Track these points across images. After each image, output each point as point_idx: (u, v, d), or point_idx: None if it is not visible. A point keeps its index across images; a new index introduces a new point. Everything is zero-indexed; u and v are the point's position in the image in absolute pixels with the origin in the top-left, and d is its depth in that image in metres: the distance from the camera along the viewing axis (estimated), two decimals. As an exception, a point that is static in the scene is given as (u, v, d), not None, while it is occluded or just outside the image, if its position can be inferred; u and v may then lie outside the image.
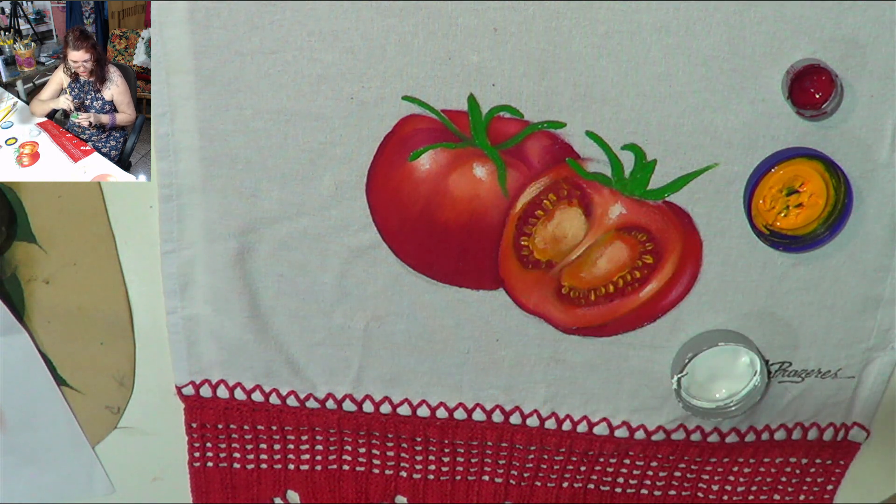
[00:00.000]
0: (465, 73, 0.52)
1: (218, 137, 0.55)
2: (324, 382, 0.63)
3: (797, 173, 0.53)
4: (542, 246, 0.57)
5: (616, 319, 0.59)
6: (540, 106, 0.53)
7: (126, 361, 0.63)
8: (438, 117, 0.54)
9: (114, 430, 0.66)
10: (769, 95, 0.52)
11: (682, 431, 0.63)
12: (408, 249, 0.58)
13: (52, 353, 0.63)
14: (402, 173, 0.55)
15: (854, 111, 0.53)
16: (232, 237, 0.57)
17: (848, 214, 0.54)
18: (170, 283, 0.59)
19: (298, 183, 0.56)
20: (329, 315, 0.60)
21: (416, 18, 0.51)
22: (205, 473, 0.67)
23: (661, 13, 0.51)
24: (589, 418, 0.63)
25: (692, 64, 0.52)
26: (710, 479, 0.67)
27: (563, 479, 0.67)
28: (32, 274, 0.60)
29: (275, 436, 0.65)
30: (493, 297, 0.59)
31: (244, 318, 0.60)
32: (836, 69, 0.51)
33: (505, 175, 0.55)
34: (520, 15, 0.51)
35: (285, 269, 0.59)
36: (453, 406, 0.63)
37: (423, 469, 0.67)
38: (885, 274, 0.58)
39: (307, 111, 0.54)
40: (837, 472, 0.66)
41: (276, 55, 0.52)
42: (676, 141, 0.54)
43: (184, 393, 0.63)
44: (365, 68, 0.52)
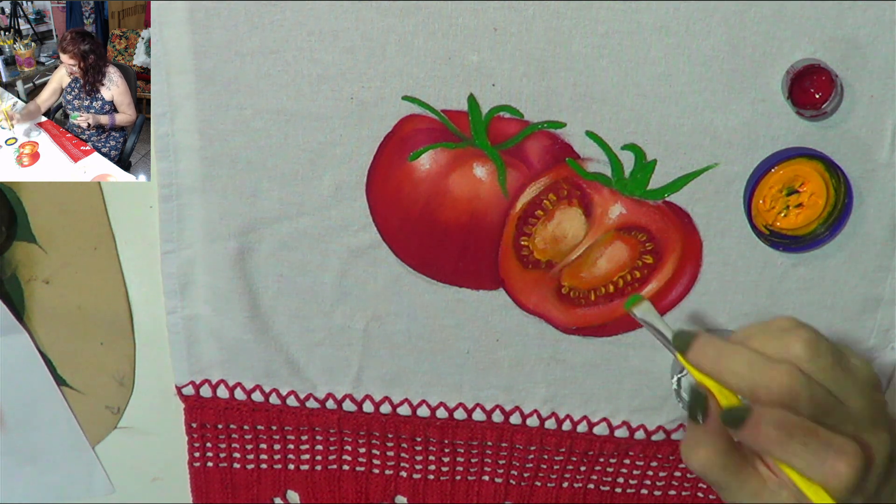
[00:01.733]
0: (465, 73, 0.52)
1: (218, 137, 0.55)
2: (324, 382, 0.63)
3: (797, 173, 0.53)
4: (542, 246, 0.57)
5: (616, 319, 0.59)
6: (540, 106, 0.53)
7: (126, 361, 0.63)
8: (438, 117, 0.54)
9: (114, 430, 0.66)
10: (769, 95, 0.52)
11: (682, 431, 0.63)
12: (408, 249, 0.58)
13: (52, 353, 0.63)
14: (402, 173, 0.55)
15: (854, 111, 0.53)
16: (232, 237, 0.57)
17: (848, 214, 0.54)
18: (170, 283, 0.59)
19: (298, 183, 0.56)
20: (329, 315, 0.60)
21: (416, 18, 0.51)
22: (205, 473, 0.67)
23: (661, 13, 0.51)
24: (589, 418, 0.63)
25: (692, 64, 0.52)
26: (710, 479, 0.67)
27: (563, 479, 0.67)
28: (32, 274, 0.60)
29: (275, 436, 0.65)
30: (493, 297, 0.59)
31: (244, 318, 0.60)
32: (836, 69, 0.51)
33: (505, 175, 0.55)
34: (520, 15, 0.51)
35: (285, 269, 0.59)
36: (453, 406, 0.63)
37: (423, 469, 0.67)
38: (885, 274, 0.58)
39: (307, 111, 0.54)
40: (837, 472, 0.66)
41: (276, 55, 0.52)
42: (676, 141, 0.54)
43: (184, 393, 0.63)
44: (365, 68, 0.52)
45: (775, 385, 0.36)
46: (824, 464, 0.35)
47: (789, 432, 0.35)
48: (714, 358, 0.37)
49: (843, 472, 0.34)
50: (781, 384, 0.35)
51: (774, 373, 0.36)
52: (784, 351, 0.37)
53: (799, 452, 0.35)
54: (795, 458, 0.35)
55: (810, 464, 0.35)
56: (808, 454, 0.35)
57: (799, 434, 0.35)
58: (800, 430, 0.35)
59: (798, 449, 0.35)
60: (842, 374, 0.37)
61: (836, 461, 0.35)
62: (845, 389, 0.37)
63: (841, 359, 0.38)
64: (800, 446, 0.35)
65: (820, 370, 0.37)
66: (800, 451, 0.35)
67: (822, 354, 0.37)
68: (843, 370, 0.37)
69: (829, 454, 0.35)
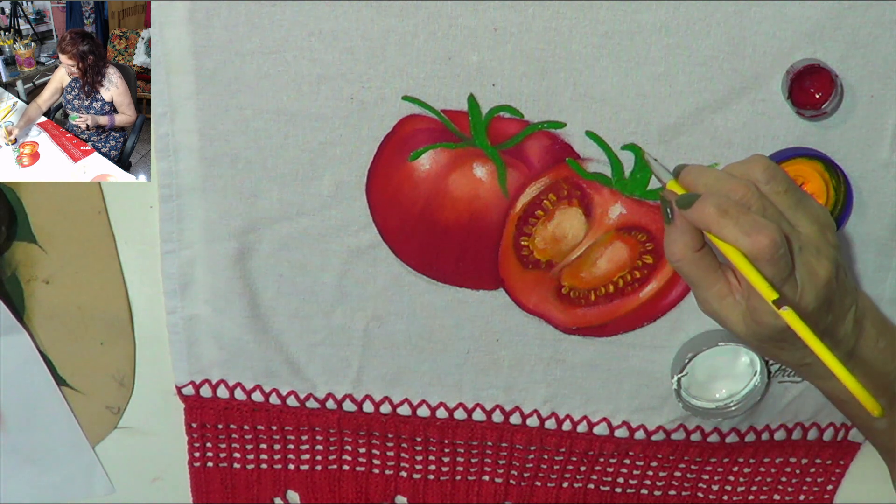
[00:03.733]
0: (465, 73, 0.52)
1: (218, 137, 0.55)
2: (324, 382, 0.63)
3: (797, 173, 0.53)
4: (542, 246, 0.57)
5: (616, 319, 0.59)
6: (540, 106, 0.53)
7: (126, 361, 0.63)
8: (438, 117, 0.54)
9: (114, 430, 0.66)
10: (769, 95, 0.52)
11: (682, 431, 0.63)
12: (408, 249, 0.58)
13: (52, 353, 0.63)
14: (402, 173, 0.55)
15: (854, 111, 0.53)
16: (232, 237, 0.57)
17: (848, 214, 0.54)
18: (170, 283, 0.59)
19: (298, 183, 0.56)
20: (329, 315, 0.60)
21: (416, 18, 0.51)
22: (205, 473, 0.67)
23: (661, 13, 0.51)
24: (589, 418, 0.63)
25: (692, 64, 0.52)
26: (710, 479, 0.67)
27: (563, 479, 0.67)
28: (32, 274, 0.60)
29: (275, 436, 0.65)
30: (493, 297, 0.59)
31: (244, 318, 0.60)
32: (836, 69, 0.51)
33: (505, 175, 0.55)
34: (520, 15, 0.51)
35: (285, 269, 0.59)
36: (453, 406, 0.63)
37: (423, 469, 0.67)
38: (885, 274, 0.58)
39: (307, 111, 0.54)
40: (837, 472, 0.66)
41: (276, 55, 0.52)
42: (676, 141, 0.54)
43: (184, 393, 0.63)
44: (365, 68, 0.52)
45: (732, 193, 0.44)
46: (749, 236, 0.42)
47: (725, 210, 0.43)
48: (695, 176, 0.46)
49: (763, 243, 0.42)
50: (737, 192, 0.44)
51: (733, 184, 0.44)
52: (746, 173, 0.45)
53: (730, 226, 0.43)
54: (726, 230, 0.43)
55: (737, 237, 0.43)
56: (736, 227, 0.43)
57: (732, 212, 0.43)
58: (733, 209, 0.43)
59: (729, 223, 0.43)
60: (793, 200, 0.45)
61: (759, 235, 0.42)
62: (795, 215, 0.45)
63: (795, 191, 0.45)
64: (731, 221, 0.43)
65: (773, 192, 0.45)
66: (731, 224, 0.43)
67: (777, 180, 0.45)
68: (796, 199, 0.45)
69: (754, 228, 0.42)
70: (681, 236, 0.46)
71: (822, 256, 0.45)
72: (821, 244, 0.45)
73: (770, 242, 0.42)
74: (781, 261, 0.43)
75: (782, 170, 0.46)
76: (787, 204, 0.45)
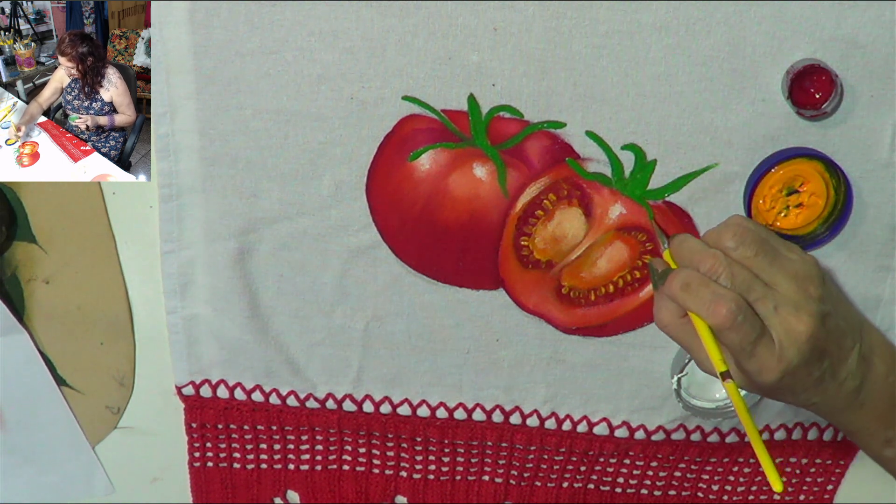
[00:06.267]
0: (465, 73, 0.52)
1: (218, 137, 0.55)
2: (324, 382, 0.63)
3: (797, 173, 0.53)
4: (542, 246, 0.57)
5: (616, 319, 0.59)
6: (540, 106, 0.53)
7: (126, 361, 0.63)
8: (438, 117, 0.54)
9: (114, 430, 0.66)
10: (769, 95, 0.52)
11: (682, 431, 0.63)
12: (408, 249, 0.58)
13: (52, 353, 0.63)
14: (402, 173, 0.55)
15: (854, 111, 0.53)
16: (232, 237, 0.57)
17: (848, 214, 0.54)
18: (170, 283, 0.59)
19: (298, 183, 0.56)
20: (329, 315, 0.60)
21: (416, 18, 0.51)
22: (205, 473, 0.67)
23: (661, 13, 0.51)
24: (589, 418, 0.63)
25: (692, 64, 0.52)
26: (710, 479, 0.67)
27: (563, 479, 0.67)
28: (32, 274, 0.60)
29: (275, 436, 0.65)
30: (493, 297, 0.59)
31: (244, 318, 0.60)
32: (836, 69, 0.51)
33: (505, 175, 0.55)
34: (520, 15, 0.51)
35: (285, 269, 0.59)
36: (453, 406, 0.63)
37: (423, 469, 0.67)
38: (885, 274, 0.58)
39: (307, 111, 0.54)
40: (837, 472, 0.67)
41: (276, 55, 0.52)
42: (676, 141, 0.54)
43: (184, 393, 0.63)
44: (365, 68, 0.52)
45: (701, 265, 0.47)
46: (707, 307, 0.46)
47: (687, 284, 0.47)
48: (675, 247, 0.50)
49: (721, 313, 0.45)
50: (705, 263, 0.47)
51: (702, 255, 0.47)
52: (717, 241, 0.48)
53: (691, 299, 0.47)
54: (689, 304, 0.47)
55: (698, 309, 0.46)
56: (696, 300, 0.46)
57: (694, 286, 0.47)
58: (695, 282, 0.47)
59: (690, 297, 0.47)
60: (766, 262, 0.47)
61: (717, 305, 0.45)
62: (771, 274, 0.47)
63: (768, 251, 0.47)
64: (692, 295, 0.47)
65: (744, 258, 0.47)
66: (691, 298, 0.47)
67: (746, 245, 0.47)
68: (770, 260, 0.47)
69: (713, 300, 0.46)
70: (665, 304, 0.49)
71: (801, 312, 0.46)
72: (800, 300, 0.46)
73: (727, 311, 0.45)
74: (744, 326, 0.45)
75: (754, 231, 0.48)
76: (761, 266, 0.47)
